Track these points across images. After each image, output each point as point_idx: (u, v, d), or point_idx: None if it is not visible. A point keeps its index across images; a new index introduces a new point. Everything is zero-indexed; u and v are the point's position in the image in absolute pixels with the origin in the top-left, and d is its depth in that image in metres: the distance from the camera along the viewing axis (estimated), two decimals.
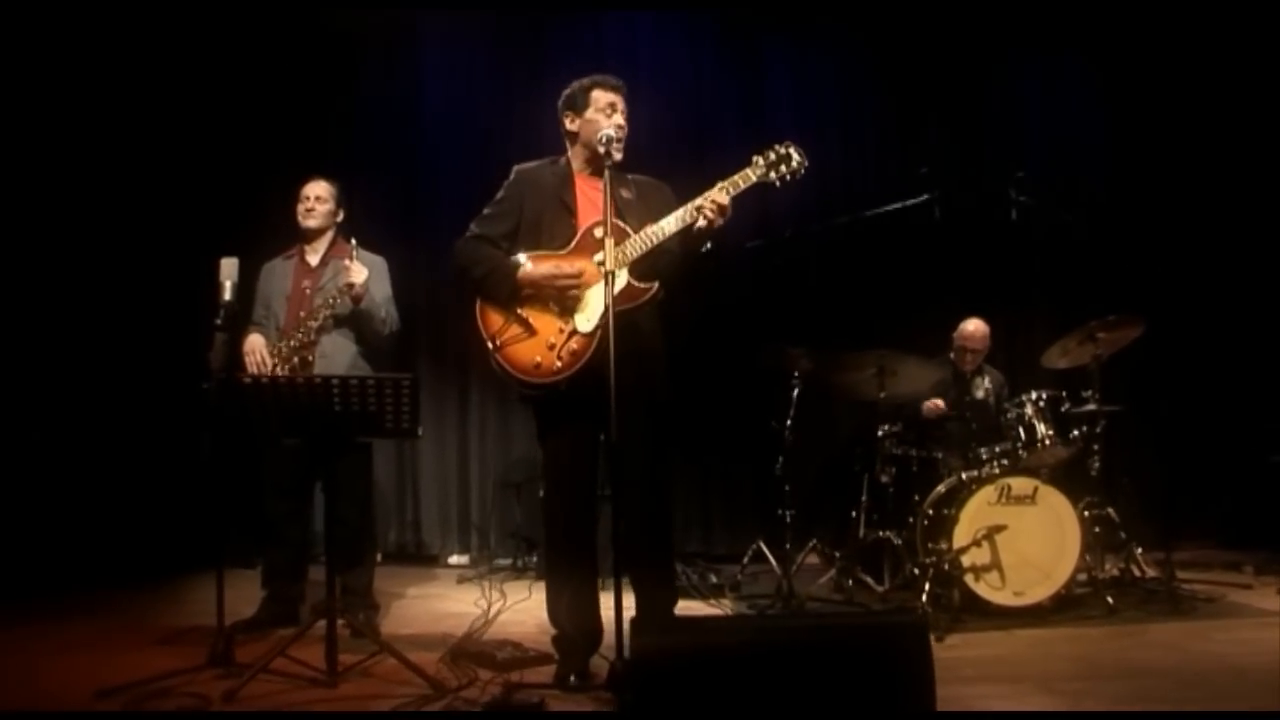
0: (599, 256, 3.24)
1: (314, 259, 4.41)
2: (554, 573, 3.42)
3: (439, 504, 6.42)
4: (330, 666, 3.30)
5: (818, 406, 5.32)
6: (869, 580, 4.63)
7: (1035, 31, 6.50)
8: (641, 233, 3.24)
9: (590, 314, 3.25)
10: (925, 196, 4.91)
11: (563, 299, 3.26)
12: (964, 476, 4.61)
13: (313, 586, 4.44)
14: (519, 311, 3.29)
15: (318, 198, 4.39)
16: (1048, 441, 4.55)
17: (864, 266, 5.98)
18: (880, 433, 4.72)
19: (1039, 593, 4.30)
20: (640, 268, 3.26)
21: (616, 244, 3.14)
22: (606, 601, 3.12)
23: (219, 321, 3.64)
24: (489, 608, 4.59)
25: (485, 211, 3.48)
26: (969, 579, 4.27)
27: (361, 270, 4.13)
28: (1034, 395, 4.63)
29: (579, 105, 3.44)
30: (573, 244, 3.32)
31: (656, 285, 3.28)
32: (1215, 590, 4.70)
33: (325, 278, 4.34)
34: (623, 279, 3.22)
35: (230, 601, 3.65)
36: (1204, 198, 6.25)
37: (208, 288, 5.91)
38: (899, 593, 4.62)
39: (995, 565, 4.30)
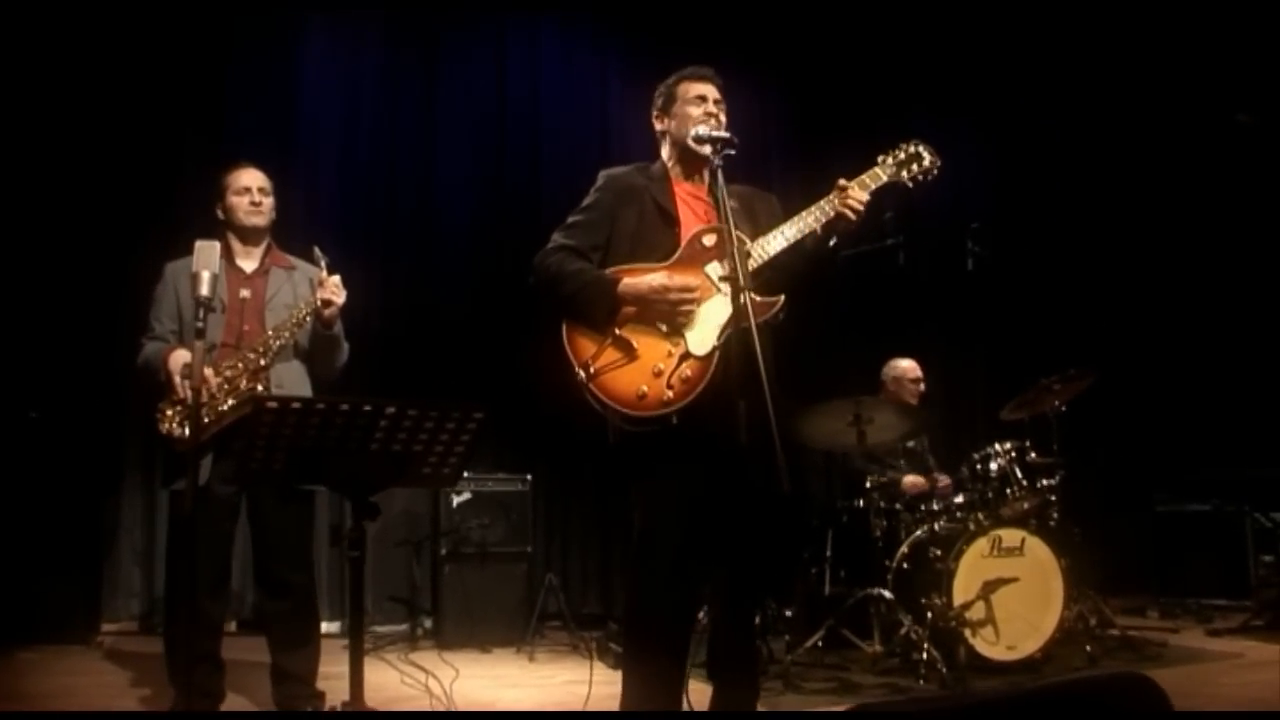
0: (711, 268, 2.84)
1: (248, 264, 3.58)
2: (641, 654, 2.82)
3: None
4: None
5: None
6: (857, 640, 4.35)
7: (933, 93, 6.74)
8: (768, 236, 2.86)
9: (704, 334, 2.78)
10: (890, 241, 4.81)
11: (673, 316, 2.77)
12: (937, 528, 4.50)
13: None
14: (617, 333, 2.76)
15: (261, 189, 3.59)
16: (1018, 492, 4.55)
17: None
18: (868, 483, 4.50)
19: (1029, 645, 4.21)
20: (760, 278, 2.83)
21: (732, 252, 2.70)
22: None
23: (200, 324, 2.80)
24: (427, 688, 3.90)
25: (571, 219, 2.95)
26: (967, 634, 4.13)
27: (342, 290, 3.40)
28: (1002, 446, 4.62)
29: (667, 103, 3.06)
30: (677, 255, 2.86)
31: (783, 298, 2.84)
32: (1154, 635, 4.86)
33: (272, 289, 3.54)
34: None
35: (80, 690, 2.80)
36: (1080, 253, 6.69)
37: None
38: (890, 655, 4.35)
39: (990, 619, 4.19)
